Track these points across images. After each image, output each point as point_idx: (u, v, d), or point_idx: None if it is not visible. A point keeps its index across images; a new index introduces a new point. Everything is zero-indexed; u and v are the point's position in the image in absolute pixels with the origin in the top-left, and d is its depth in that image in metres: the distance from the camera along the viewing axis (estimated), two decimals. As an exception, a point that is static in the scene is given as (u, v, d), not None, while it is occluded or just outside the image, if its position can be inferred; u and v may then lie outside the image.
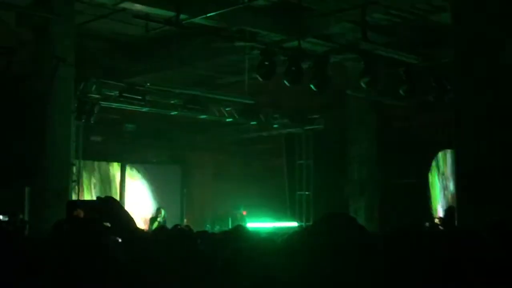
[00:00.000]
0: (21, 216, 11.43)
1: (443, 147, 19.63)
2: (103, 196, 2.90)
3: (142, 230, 3.73)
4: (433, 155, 19.98)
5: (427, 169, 19.82)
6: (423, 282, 2.39)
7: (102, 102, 15.10)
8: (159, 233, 5.05)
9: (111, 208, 2.78)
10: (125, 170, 20.47)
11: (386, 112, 17.45)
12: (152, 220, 16.55)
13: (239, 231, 4.80)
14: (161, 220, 16.00)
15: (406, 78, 13.87)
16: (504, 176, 7.15)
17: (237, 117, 17.81)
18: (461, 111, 8.14)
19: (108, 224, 2.77)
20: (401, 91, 14.13)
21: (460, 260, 2.37)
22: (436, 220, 12.51)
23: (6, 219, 10.46)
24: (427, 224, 12.15)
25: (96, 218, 2.83)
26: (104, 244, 3.05)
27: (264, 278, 2.57)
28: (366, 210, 15.54)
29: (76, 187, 15.23)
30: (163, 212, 16.86)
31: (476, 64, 7.75)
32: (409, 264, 2.47)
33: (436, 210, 18.43)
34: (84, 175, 15.79)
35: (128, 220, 2.78)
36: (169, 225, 15.21)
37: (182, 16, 11.08)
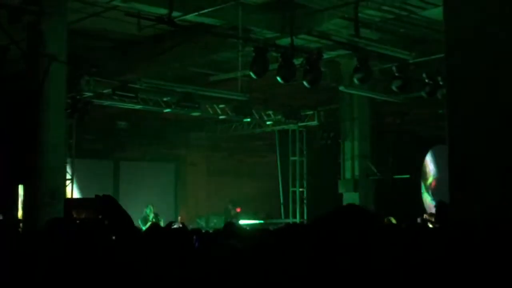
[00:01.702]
0: (15, 215, 11.39)
1: (436, 143, 19.69)
2: (101, 195, 2.89)
3: (139, 229, 3.73)
4: (427, 150, 20.05)
5: (420, 164, 19.89)
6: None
7: (95, 100, 15.08)
8: (154, 232, 5.04)
9: (110, 207, 2.77)
10: (118, 168, 20.45)
11: (379, 108, 17.48)
12: (144, 220, 16.43)
13: (231, 229, 4.80)
14: (153, 219, 15.91)
15: (399, 74, 13.90)
16: (498, 171, 7.17)
17: (230, 114, 17.80)
18: (454, 106, 8.15)
19: (106, 222, 2.76)
20: (394, 87, 14.15)
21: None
22: (426, 216, 12.47)
23: (0, 217, 10.41)
24: (418, 219, 12.13)
25: (97, 217, 2.82)
26: (103, 242, 3.05)
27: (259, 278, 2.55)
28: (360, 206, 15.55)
29: (70, 185, 15.22)
30: (151, 209, 16.78)
31: (469, 59, 7.76)
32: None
33: (428, 205, 18.49)
34: (78, 173, 15.74)
35: (126, 218, 2.78)
36: (164, 222, 15.25)
37: (174, 14, 11.05)
